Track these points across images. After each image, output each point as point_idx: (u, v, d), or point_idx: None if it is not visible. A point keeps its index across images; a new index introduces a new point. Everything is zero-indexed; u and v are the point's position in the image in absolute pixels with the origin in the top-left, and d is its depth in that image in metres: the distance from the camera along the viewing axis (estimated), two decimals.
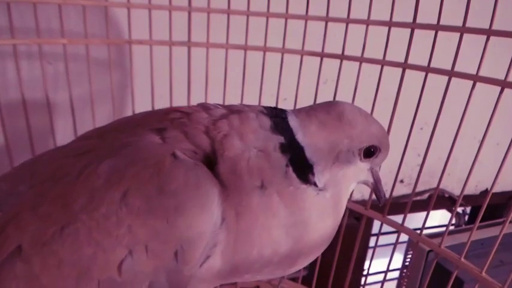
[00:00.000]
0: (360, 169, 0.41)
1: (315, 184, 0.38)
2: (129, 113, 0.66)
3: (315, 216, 0.38)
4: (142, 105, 0.61)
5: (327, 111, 0.40)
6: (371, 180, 0.43)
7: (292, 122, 0.39)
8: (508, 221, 0.44)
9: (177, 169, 0.33)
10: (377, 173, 0.43)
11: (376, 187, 0.43)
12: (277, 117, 0.39)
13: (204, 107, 0.40)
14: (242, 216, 0.35)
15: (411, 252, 0.91)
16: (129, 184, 0.32)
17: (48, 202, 0.33)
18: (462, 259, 0.48)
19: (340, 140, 0.39)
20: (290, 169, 0.37)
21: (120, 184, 0.32)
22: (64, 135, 0.67)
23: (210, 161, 0.36)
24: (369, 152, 0.40)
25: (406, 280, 0.91)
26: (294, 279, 0.67)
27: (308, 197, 0.37)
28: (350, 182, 0.41)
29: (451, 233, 0.86)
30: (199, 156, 0.36)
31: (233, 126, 0.37)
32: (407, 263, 0.92)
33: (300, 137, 0.38)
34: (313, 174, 0.38)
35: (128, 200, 0.31)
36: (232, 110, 0.39)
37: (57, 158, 0.38)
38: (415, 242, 0.54)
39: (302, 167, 0.37)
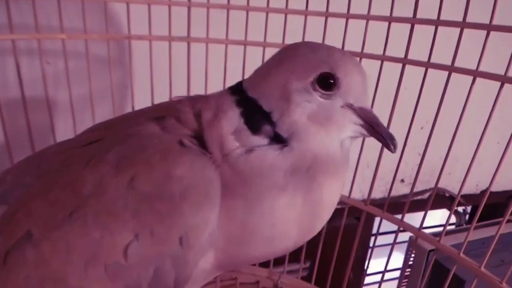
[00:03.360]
0: (327, 108, 0.35)
1: (275, 137, 0.35)
2: (129, 109, 0.66)
3: (283, 178, 0.34)
4: (142, 100, 0.61)
5: (272, 57, 0.38)
6: (358, 120, 0.36)
7: (245, 83, 0.38)
8: (505, 221, 0.44)
9: (184, 155, 0.33)
10: (364, 111, 0.36)
11: (369, 128, 0.36)
12: (233, 86, 0.38)
13: (192, 96, 0.40)
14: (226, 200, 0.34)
15: (412, 252, 0.91)
16: (136, 169, 0.32)
17: (58, 189, 0.33)
18: (461, 254, 0.48)
19: (285, 79, 0.35)
20: (241, 121, 0.35)
21: (129, 169, 0.32)
22: (64, 132, 0.67)
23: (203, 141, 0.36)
24: (326, 83, 0.34)
25: (406, 280, 0.91)
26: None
27: (268, 159, 0.34)
28: (326, 128, 0.35)
29: (452, 232, 0.86)
30: (198, 141, 0.36)
31: (201, 103, 0.37)
32: (408, 263, 0.92)
33: (250, 92, 0.36)
34: (272, 124, 0.35)
35: (135, 183, 0.32)
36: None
37: (64, 149, 0.38)
38: (415, 238, 0.54)
39: (256, 117, 0.35)
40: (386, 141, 0.36)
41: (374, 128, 0.36)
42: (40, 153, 0.41)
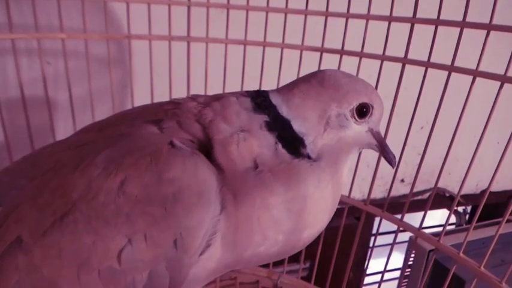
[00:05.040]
0: (358, 132, 0.40)
1: (308, 156, 0.37)
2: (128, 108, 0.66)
3: (311, 187, 0.37)
4: (141, 100, 0.61)
5: (308, 80, 0.39)
6: (374, 142, 0.41)
7: (275, 99, 0.38)
8: (505, 221, 0.44)
9: (175, 157, 0.33)
10: (379, 134, 0.41)
11: (382, 148, 0.41)
12: (259, 98, 0.38)
13: (193, 96, 0.40)
14: (240, 199, 0.35)
15: (412, 252, 0.91)
16: (126, 173, 0.32)
17: (48, 193, 0.33)
18: (461, 254, 0.48)
19: (327, 105, 0.38)
20: (279, 146, 0.37)
21: (118, 173, 0.32)
22: (64, 132, 0.67)
23: (206, 148, 0.36)
24: (362, 112, 0.39)
25: (407, 280, 0.91)
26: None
27: (302, 170, 0.37)
28: (350, 148, 0.40)
29: (452, 232, 0.86)
30: (196, 144, 0.36)
31: (216, 111, 0.37)
32: (408, 263, 0.92)
33: (284, 111, 0.38)
34: (304, 146, 0.37)
35: (126, 188, 0.32)
36: (214, 97, 0.39)
37: (57, 150, 0.38)
38: (415, 237, 0.54)
39: (292, 142, 0.37)
40: (390, 157, 0.41)
41: (383, 146, 0.41)
42: (35, 153, 0.41)
